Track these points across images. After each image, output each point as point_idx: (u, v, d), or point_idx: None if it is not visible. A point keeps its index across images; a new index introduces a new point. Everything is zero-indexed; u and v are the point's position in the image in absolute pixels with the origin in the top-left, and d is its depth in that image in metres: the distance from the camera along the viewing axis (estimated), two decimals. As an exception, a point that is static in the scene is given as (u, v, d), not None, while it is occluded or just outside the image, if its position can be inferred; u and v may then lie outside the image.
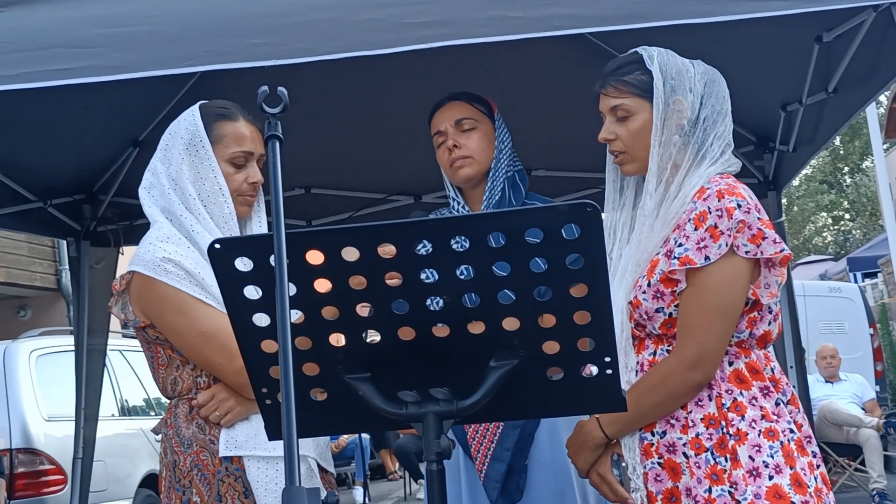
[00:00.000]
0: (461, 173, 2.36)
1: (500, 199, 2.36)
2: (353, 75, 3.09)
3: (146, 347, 2.02)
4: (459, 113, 2.38)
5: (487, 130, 2.39)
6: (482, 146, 2.36)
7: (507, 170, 2.38)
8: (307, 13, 2.10)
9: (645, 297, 1.78)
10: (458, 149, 2.35)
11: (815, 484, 1.72)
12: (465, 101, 2.40)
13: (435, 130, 2.41)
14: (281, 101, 1.26)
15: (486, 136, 2.38)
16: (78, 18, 2.12)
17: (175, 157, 2.00)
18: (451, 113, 2.39)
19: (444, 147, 2.38)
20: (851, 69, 2.74)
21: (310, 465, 1.99)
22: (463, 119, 2.37)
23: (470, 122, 2.37)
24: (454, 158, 2.35)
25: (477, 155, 2.35)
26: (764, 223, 1.74)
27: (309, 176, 4.03)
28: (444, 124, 2.38)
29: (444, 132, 2.38)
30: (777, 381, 1.78)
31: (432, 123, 2.43)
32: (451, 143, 2.36)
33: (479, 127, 2.38)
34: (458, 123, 2.37)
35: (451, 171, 2.38)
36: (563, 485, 2.32)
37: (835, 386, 7.90)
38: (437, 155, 2.42)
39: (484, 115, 2.40)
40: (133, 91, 2.96)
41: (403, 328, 1.38)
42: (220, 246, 1.34)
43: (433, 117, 2.43)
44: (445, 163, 2.39)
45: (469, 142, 2.36)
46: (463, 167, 2.35)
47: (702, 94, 1.82)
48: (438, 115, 2.41)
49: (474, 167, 2.36)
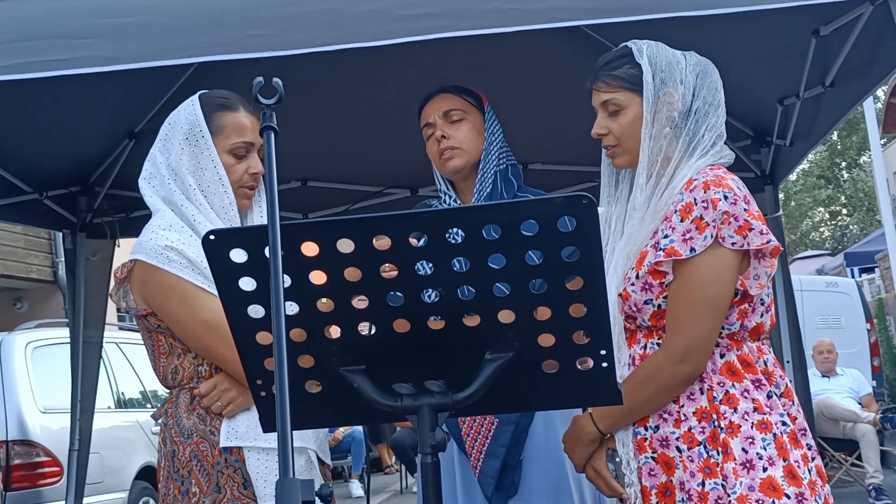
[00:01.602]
0: (450, 164, 2.36)
1: (491, 191, 2.35)
2: (350, 67, 3.09)
3: (147, 336, 2.02)
4: (448, 104, 2.38)
5: (477, 122, 2.38)
6: (471, 137, 2.36)
7: (497, 162, 2.38)
8: (305, 4, 2.10)
9: (634, 289, 1.79)
10: (446, 139, 2.34)
11: (809, 476, 1.72)
12: (453, 94, 2.40)
13: (424, 122, 2.41)
14: (276, 92, 1.25)
15: (475, 128, 2.37)
16: (74, 9, 2.11)
17: (175, 148, 1.99)
18: (439, 105, 2.38)
19: (433, 138, 2.37)
20: (849, 63, 2.74)
21: (309, 457, 1.98)
22: (451, 110, 2.37)
23: (458, 114, 2.37)
24: (443, 149, 2.35)
25: (465, 146, 2.35)
26: (751, 214, 1.73)
27: (305, 168, 4.02)
28: (432, 116, 2.38)
29: (433, 123, 2.37)
30: (770, 373, 1.78)
31: (421, 116, 2.42)
32: (440, 133, 2.35)
33: (467, 118, 2.37)
34: (447, 115, 2.36)
35: (441, 163, 2.38)
36: (558, 480, 2.32)
37: (831, 381, 7.91)
38: (426, 147, 2.42)
39: (473, 107, 2.40)
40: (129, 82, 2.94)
41: (398, 320, 1.37)
42: (215, 237, 1.34)
43: (422, 110, 2.43)
44: (434, 154, 2.39)
45: (458, 132, 2.35)
46: (452, 158, 2.35)
47: (694, 86, 1.82)
48: (427, 107, 2.41)
49: (463, 158, 2.35)
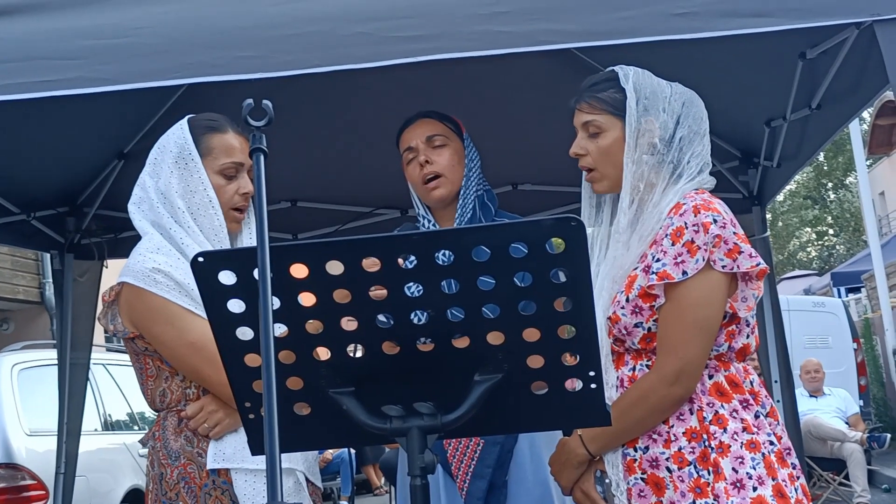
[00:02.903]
0: (435, 194, 2.36)
1: (471, 217, 2.36)
2: (340, 89, 3.10)
3: (135, 359, 2.01)
4: (430, 130, 2.38)
5: (458, 148, 2.40)
6: (453, 164, 2.37)
7: (476, 189, 2.39)
8: (294, 26, 2.10)
9: (623, 312, 1.79)
10: (429, 164, 2.35)
11: (796, 495, 1.73)
12: (435, 119, 2.41)
13: (405, 147, 2.41)
14: (266, 114, 1.26)
15: (456, 154, 2.38)
16: (63, 30, 2.11)
17: (164, 171, 2.00)
18: (421, 130, 2.39)
19: (416, 162, 2.37)
20: (835, 86, 2.76)
21: (298, 479, 1.98)
22: (434, 136, 2.38)
23: (441, 139, 2.38)
24: (426, 175, 2.35)
25: (449, 173, 2.36)
26: (740, 237, 1.75)
27: (295, 189, 4.02)
28: (414, 140, 2.38)
29: (416, 148, 2.38)
30: (756, 393, 1.79)
31: (401, 140, 2.42)
32: (423, 158, 2.35)
33: (449, 144, 2.38)
34: (430, 140, 2.37)
35: (424, 191, 2.38)
36: (542, 500, 2.32)
37: (819, 400, 7.93)
38: (406, 172, 2.42)
39: (454, 134, 2.41)
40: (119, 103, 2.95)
41: (388, 342, 1.37)
42: (204, 259, 1.33)
43: (402, 134, 2.43)
44: (417, 179, 2.38)
45: (440, 158, 2.36)
46: (438, 188, 2.36)
47: (678, 114, 1.84)
48: (408, 132, 2.41)
49: (447, 187, 2.36)
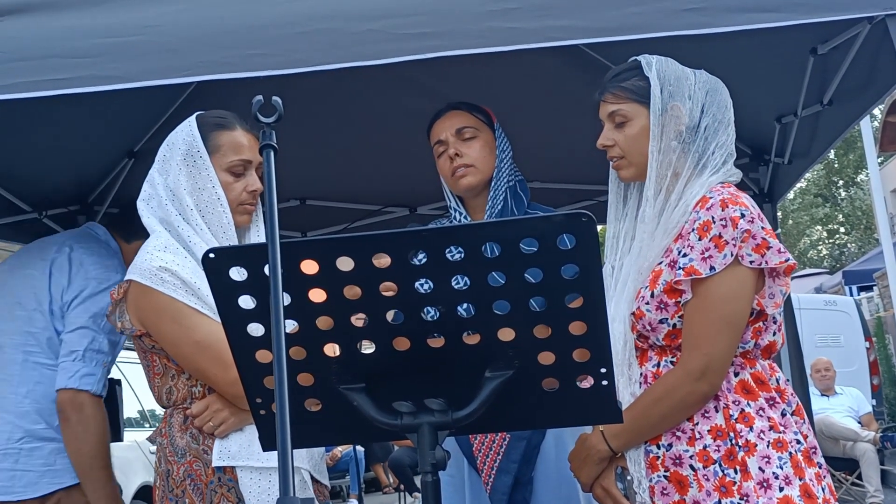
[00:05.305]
0: (463, 182, 2.35)
1: (502, 207, 2.35)
2: (350, 86, 3.10)
3: (142, 356, 2.02)
4: (460, 122, 2.38)
5: (488, 139, 2.38)
6: (483, 154, 2.36)
7: (508, 179, 2.38)
8: (304, 24, 2.10)
9: (648, 308, 1.77)
10: (459, 157, 2.34)
11: (822, 495, 1.71)
12: (465, 111, 2.40)
13: (435, 140, 2.40)
14: (276, 110, 1.25)
15: (487, 145, 2.37)
16: (75, 28, 2.12)
17: (173, 169, 2.00)
18: (451, 122, 2.38)
19: (446, 156, 2.37)
20: (846, 81, 2.75)
21: (303, 477, 1.98)
22: (464, 128, 2.37)
23: (471, 131, 2.37)
24: (456, 167, 2.35)
25: (479, 164, 2.35)
26: (768, 232, 1.73)
27: (304, 187, 4.02)
28: (444, 133, 2.37)
29: (445, 141, 2.37)
30: (782, 391, 1.77)
31: (432, 133, 2.42)
32: (453, 151, 2.35)
33: (479, 136, 2.37)
34: (459, 132, 2.36)
35: (453, 181, 2.37)
36: (568, 497, 2.30)
37: (831, 400, 7.90)
38: (437, 164, 2.42)
39: (484, 125, 2.40)
40: (129, 102, 2.96)
41: (398, 338, 1.37)
42: (215, 255, 1.33)
43: (432, 127, 2.42)
44: (447, 172, 2.38)
45: (470, 150, 2.35)
46: (465, 176, 2.35)
47: (703, 103, 1.83)
48: (438, 124, 2.41)
49: (476, 176, 2.35)
